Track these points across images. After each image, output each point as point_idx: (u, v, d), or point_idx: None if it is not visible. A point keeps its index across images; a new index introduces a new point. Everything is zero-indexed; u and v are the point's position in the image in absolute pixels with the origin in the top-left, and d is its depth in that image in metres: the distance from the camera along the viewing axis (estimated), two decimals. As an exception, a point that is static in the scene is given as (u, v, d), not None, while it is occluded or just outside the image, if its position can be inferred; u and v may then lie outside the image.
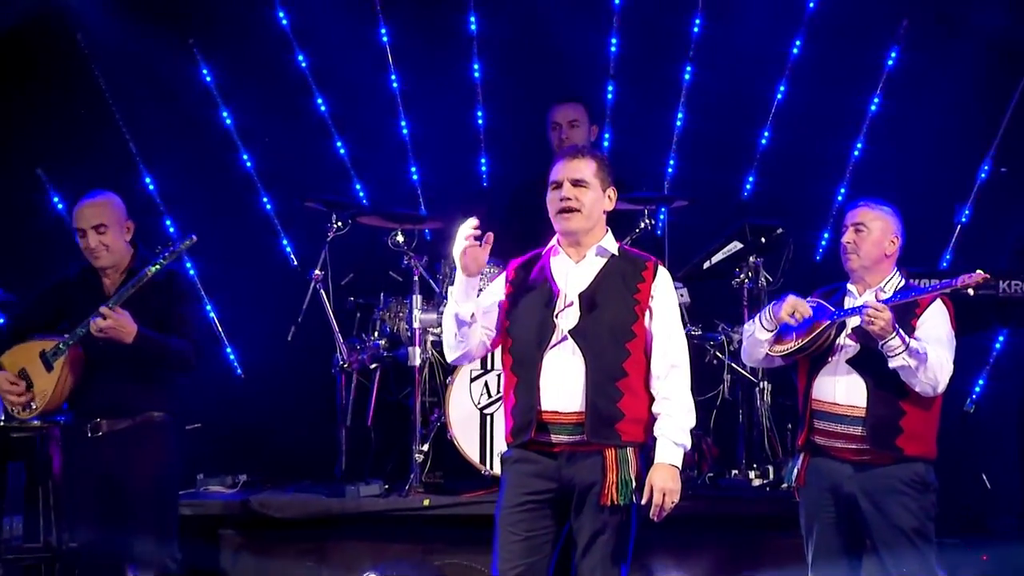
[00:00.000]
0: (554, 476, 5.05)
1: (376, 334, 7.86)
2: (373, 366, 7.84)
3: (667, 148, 8.97)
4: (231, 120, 8.87)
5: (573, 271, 5.16)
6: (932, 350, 5.56)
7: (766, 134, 8.86)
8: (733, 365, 7.74)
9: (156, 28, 8.59)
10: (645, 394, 5.09)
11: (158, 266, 5.98)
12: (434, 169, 9.05)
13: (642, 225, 7.68)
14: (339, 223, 7.69)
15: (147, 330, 5.98)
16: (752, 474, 7.72)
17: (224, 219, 8.52)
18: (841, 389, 5.67)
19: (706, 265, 7.93)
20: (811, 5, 8.79)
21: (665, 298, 5.16)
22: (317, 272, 7.60)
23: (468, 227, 5.07)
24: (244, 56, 8.76)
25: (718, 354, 7.80)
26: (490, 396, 7.42)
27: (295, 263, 8.86)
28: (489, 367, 7.43)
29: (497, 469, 6.80)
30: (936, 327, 5.67)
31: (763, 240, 7.83)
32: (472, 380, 7.47)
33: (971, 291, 5.55)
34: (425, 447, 7.53)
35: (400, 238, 7.68)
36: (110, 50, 8.62)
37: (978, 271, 5.52)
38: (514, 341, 5.12)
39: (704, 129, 8.87)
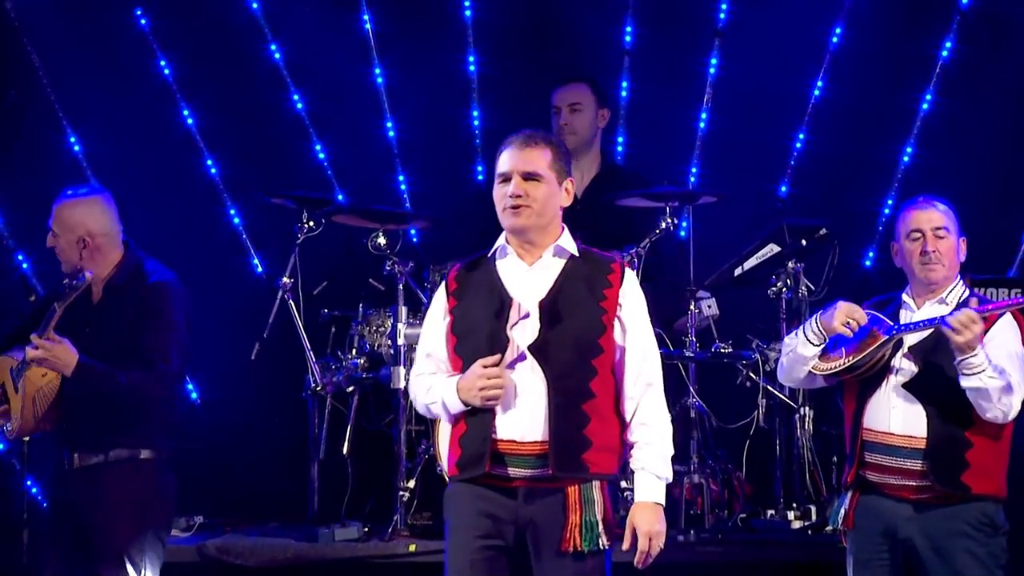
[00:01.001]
0: (511, 517, 5.01)
1: (354, 352, 7.84)
2: (350, 389, 7.84)
3: (691, 144, 9.02)
4: (187, 108, 8.92)
5: (527, 276, 5.13)
6: (1006, 371, 5.55)
7: (801, 136, 8.92)
8: (769, 388, 7.72)
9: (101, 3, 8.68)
10: (614, 418, 5.07)
11: (61, 303, 6.02)
12: (424, 172, 9.09)
13: (663, 225, 7.64)
14: (311, 223, 7.67)
15: (90, 360, 6.00)
16: (792, 515, 7.68)
17: (177, 218, 8.52)
18: (897, 416, 5.65)
19: (737, 272, 7.91)
20: (854, -13, 8.92)
21: (636, 305, 5.14)
22: (285, 280, 7.57)
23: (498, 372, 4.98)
24: (208, 45, 8.81)
25: (751, 375, 7.76)
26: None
27: (259, 269, 8.87)
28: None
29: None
30: (1007, 344, 5.65)
31: (804, 242, 7.79)
32: (465, 406, 7.44)
33: None
34: (411, 483, 7.49)
35: (382, 240, 7.65)
36: (46, 23, 8.61)
37: None
38: (463, 360, 5.09)
39: (732, 126, 8.91)
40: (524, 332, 5.03)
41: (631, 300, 5.12)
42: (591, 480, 4.99)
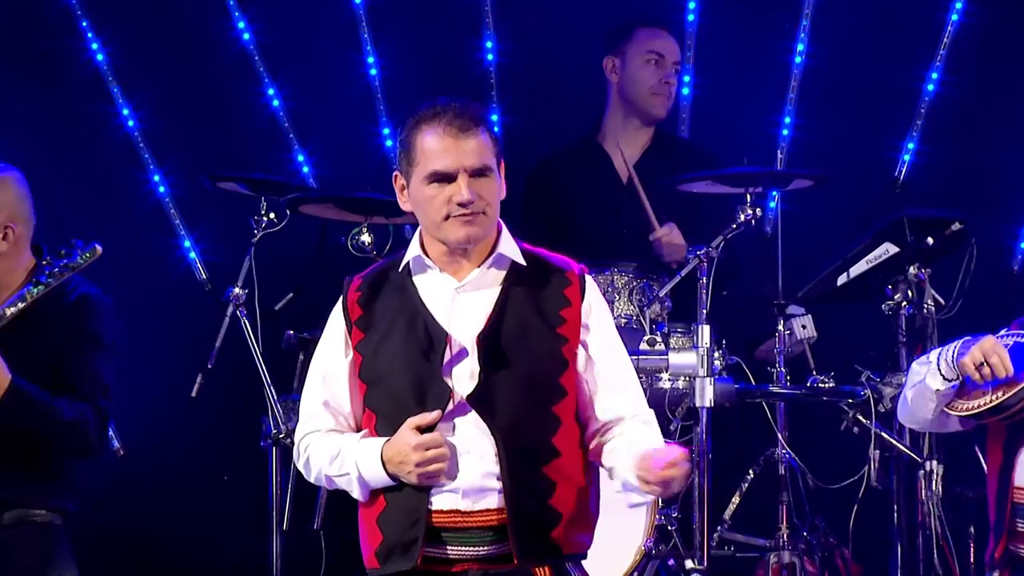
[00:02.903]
0: None
1: (328, 386, 7.80)
2: (324, 436, 7.78)
3: (777, 111, 9.16)
4: (126, 106, 9.15)
5: (460, 299, 5.05)
6: None
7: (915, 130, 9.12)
8: (884, 435, 7.69)
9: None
10: (583, 477, 5.06)
11: (43, 287, 6.11)
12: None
13: (742, 218, 7.59)
14: (271, 214, 7.72)
15: (25, 383, 6.07)
16: (914, 604, 7.66)
17: (96, 210, 8.56)
18: (1059, 473, 5.85)
19: (841, 280, 7.95)
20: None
21: (605, 327, 5.11)
22: (237, 291, 7.53)
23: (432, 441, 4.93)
24: (155, 23, 9.06)
25: (860, 418, 7.74)
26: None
27: (202, 276, 9.01)
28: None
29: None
30: None
31: (931, 241, 7.77)
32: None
33: None
34: (403, 561, 7.44)
35: (366, 237, 7.71)
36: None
37: None
38: (377, 414, 5.03)
39: (833, 74, 9.12)
40: (460, 377, 4.97)
41: (598, 320, 5.09)
42: (564, 561, 4.99)
